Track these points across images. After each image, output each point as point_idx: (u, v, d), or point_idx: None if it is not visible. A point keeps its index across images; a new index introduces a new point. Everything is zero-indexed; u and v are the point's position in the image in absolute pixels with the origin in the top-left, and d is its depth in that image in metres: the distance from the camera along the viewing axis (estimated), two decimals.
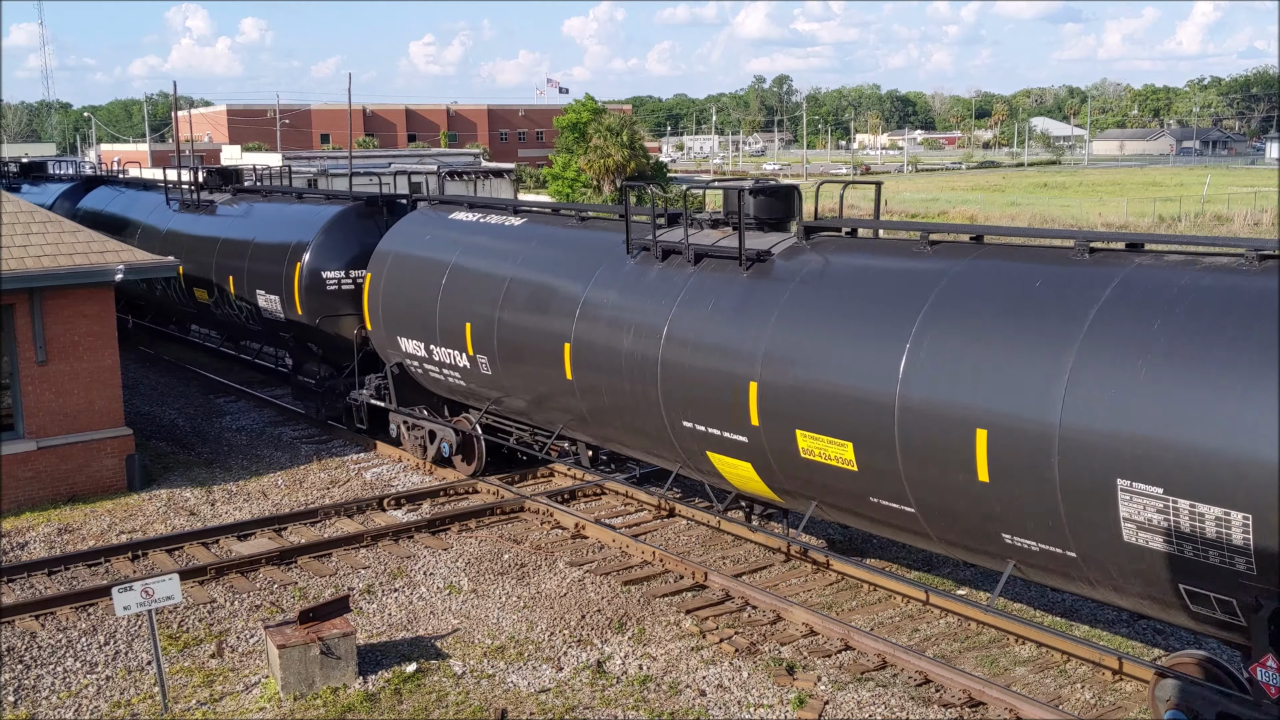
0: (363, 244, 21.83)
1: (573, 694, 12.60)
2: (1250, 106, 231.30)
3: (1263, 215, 68.64)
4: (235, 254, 24.79)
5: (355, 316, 21.76)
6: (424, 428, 20.55)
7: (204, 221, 27.16)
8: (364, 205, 22.85)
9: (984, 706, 12.15)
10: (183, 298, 27.74)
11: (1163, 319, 10.10)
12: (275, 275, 22.90)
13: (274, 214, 25.07)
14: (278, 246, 23.19)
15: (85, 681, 13.02)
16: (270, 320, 23.71)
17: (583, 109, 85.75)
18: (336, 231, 22.24)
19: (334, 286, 22.04)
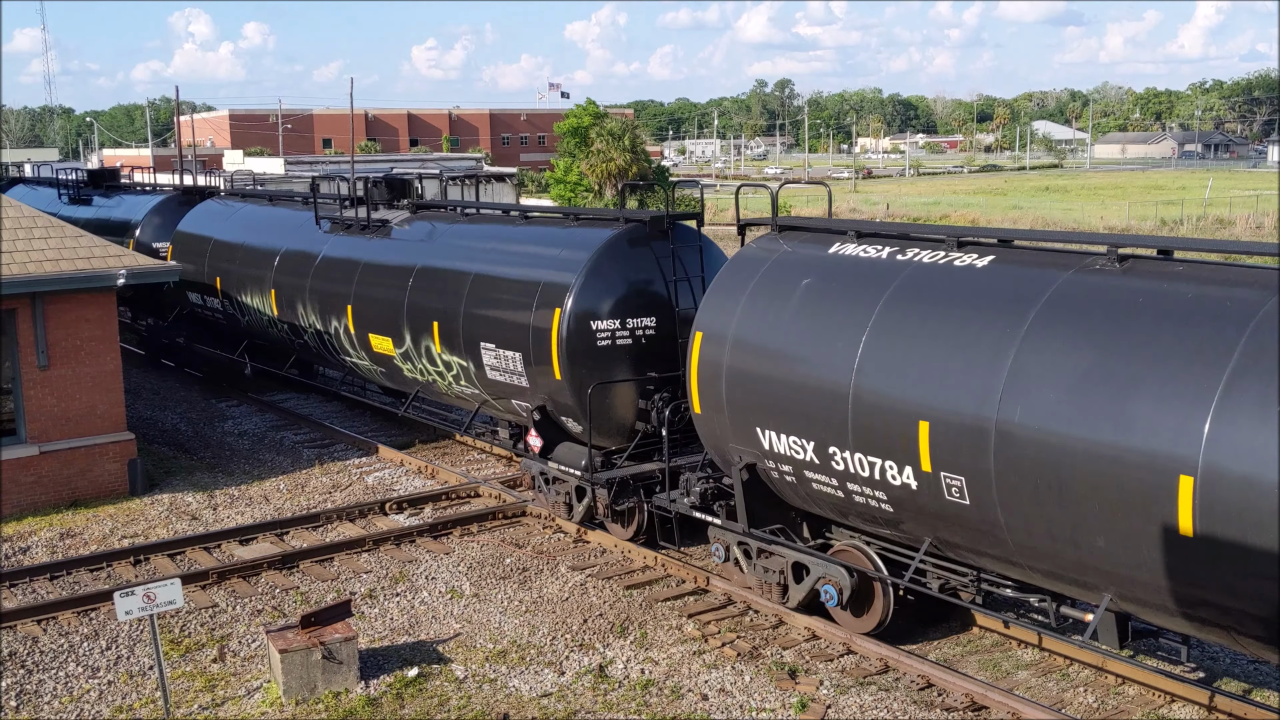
0: (630, 281, 16.66)
1: (575, 698, 12.59)
2: (1252, 109, 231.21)
3: (1265, 219, 68.59)
4: (439, 293, 19.11)
5: (633, 384, 16.62)
6: (785, 558, 14.24)
7: (378, 247, 21.45)
8: (639, 227, 16.98)
9: (986, 710, 12.14)
10: (343, 347, 22.29)
11: None
12: (513, 325, 17.33)
13: (494, 240, 19.31)
14: (517, 285, 17.50)
15: (87, 686, 13.02)
16: (501, 384, 18.05)
17: (584, 113, 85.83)
18: (607, 265, 16.58)
19: (606, 341, 16.45)
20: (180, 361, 30.13)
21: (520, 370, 17.36)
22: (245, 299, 25.30)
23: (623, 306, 16.51)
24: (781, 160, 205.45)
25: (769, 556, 14.26)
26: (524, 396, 17.68)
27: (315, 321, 22.58)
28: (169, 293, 28.19)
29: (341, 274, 21.77)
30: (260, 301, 24.65)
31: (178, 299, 28.39)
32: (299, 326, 23.38)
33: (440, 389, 19.88)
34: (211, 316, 27.52)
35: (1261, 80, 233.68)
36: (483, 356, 18.04)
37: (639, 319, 16.67)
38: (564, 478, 17.33)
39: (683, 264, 16.96)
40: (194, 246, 27.37)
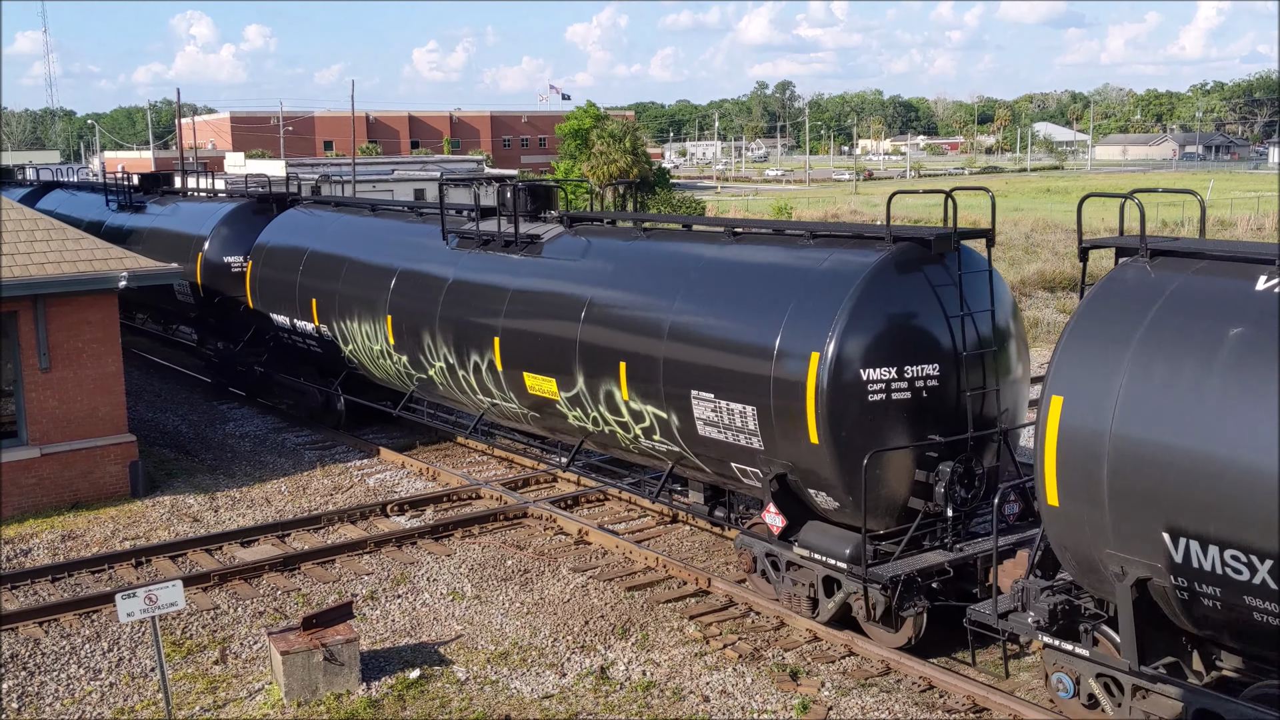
0: (907, 318, 13.38)
1: (576, 700, 12.59)
2: (1253, 111, 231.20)
3: (1265, 220, 68.60)
4: (629, 328, 15.89)
5: (910, 451, 13.32)
6: (1179, 701, 10.81)
7: (531, 269, 18.25)
8: (913, 248, 13.70)
9: (987, 713, 12.14)
10: (482, 386, 18.88)
11: None
12: (743, 373, 14.03)
13: (701, 264, 15.63)
14: (748, 322, 14.22)
15: (89, 688, 13.02)
16: (718, 443, 14.72)
17: (585, 115, 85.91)
18: (879, 297, 13.31)
19: (879, 396, 13.09)
20: (253, 391, 27.10)
21: (752, 429, 13.97)
22: (349, 325, 21.92)
23: (899, 351, 13.18)
24: (782, 162, 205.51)
25: (1148, 697, 10.95)
26: (753, 461, 14.29)
27: (447, 354, 19.33)
28: (245, 314, 25.61)
29: (483, 300, 18.58)
30: (370, 328, 21.30)
31: (256, 321, 25.30)
32: (422, 359, 20.11)
33: (620, 441, 16.59)
34: (302, 343, 24.01)
35: (1262, 82, 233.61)
36: (693, 408, 14.74)
37: (919, 366, 13.24)
38: (810, 566, 13.89)
39: (966, 295, 13.61)
40: (281, 263, 24.13)
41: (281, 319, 24.37)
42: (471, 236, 19.76)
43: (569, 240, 18.30)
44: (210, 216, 27.74)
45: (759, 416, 13.84)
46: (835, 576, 13.62)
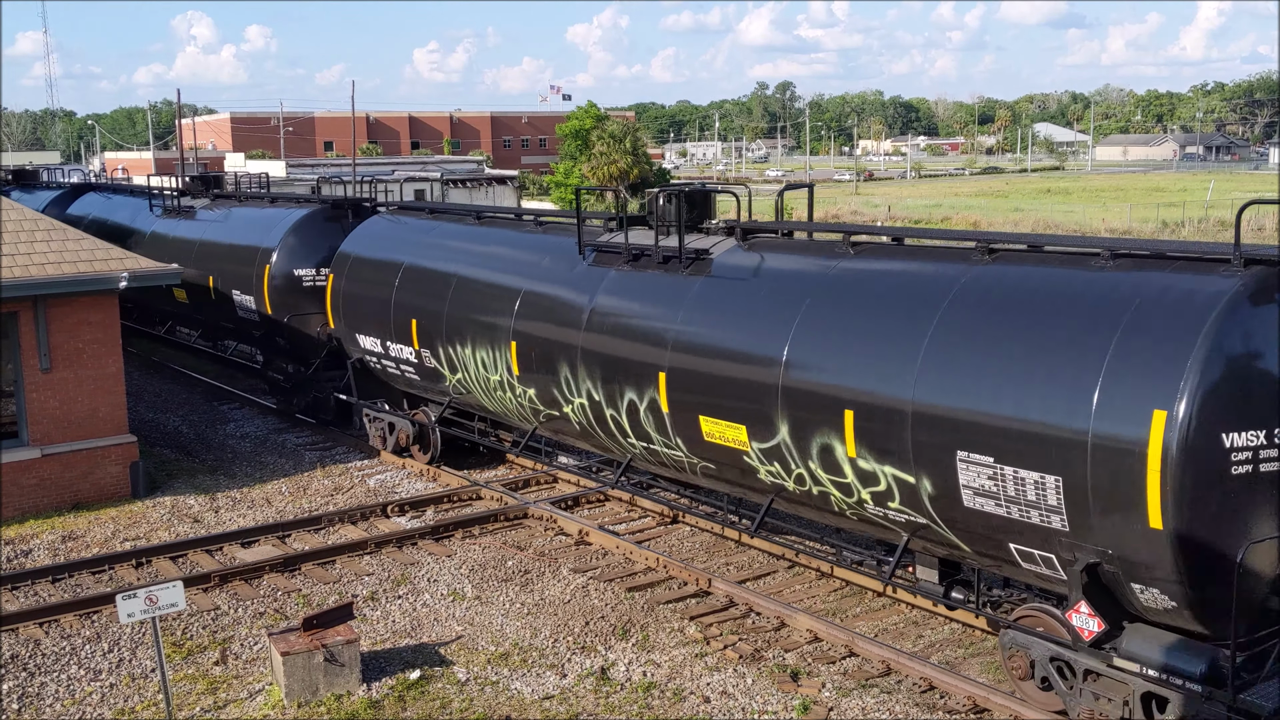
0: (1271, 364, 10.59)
1: (577, 701, 12.59)
2: (1254, 112, 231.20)
3: (1266, 220, 68.59)
4: (854, 368, 13.19)
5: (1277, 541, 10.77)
6: None
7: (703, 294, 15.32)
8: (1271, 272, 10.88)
9: (988, 713, 12.14)
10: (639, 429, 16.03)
11: None
12: (1038, 433, 11.17)
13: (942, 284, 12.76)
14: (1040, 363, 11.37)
15: (89, 689, 13.02)
16: (995, 519, 11.75)
17: (586, 115, 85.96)
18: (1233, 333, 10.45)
19: (1245, 467, 10.32)
20: (327, 420, 24.64)
21: (1054, 503, 11.04)
22: (459, 351, 19.15)
23: (1267, 405, 10.32)
24: (783, 163, 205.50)
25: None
26: (1049, 544, 11.36)
27: (592, 390, 16.49)
28: (321, 334, 23.46)
29: (641, 330, 15.81)
30: (488, 356, 18.50)
31: (335, 342, 23.01)
32: (556, 394, 17.31)
33: (833, 505, 13.67)
34: (395, 369, 21.34)
35: (1263, 82, 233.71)
36: (958, 474, 11.85)
37: None
38: (1130, 681, 11.14)
39: None
40: (370, 277, 21.36)
41: (370, 341, 21.53)
42: (616, 251, 16.80)
43: (744, 256, 15.38)
44: (276, 224, 24.65)
45: (1063, 489, 10.92)
46: (1164, 695, 10.88)
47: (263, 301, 24.24)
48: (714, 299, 15.07)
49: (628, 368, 15.81)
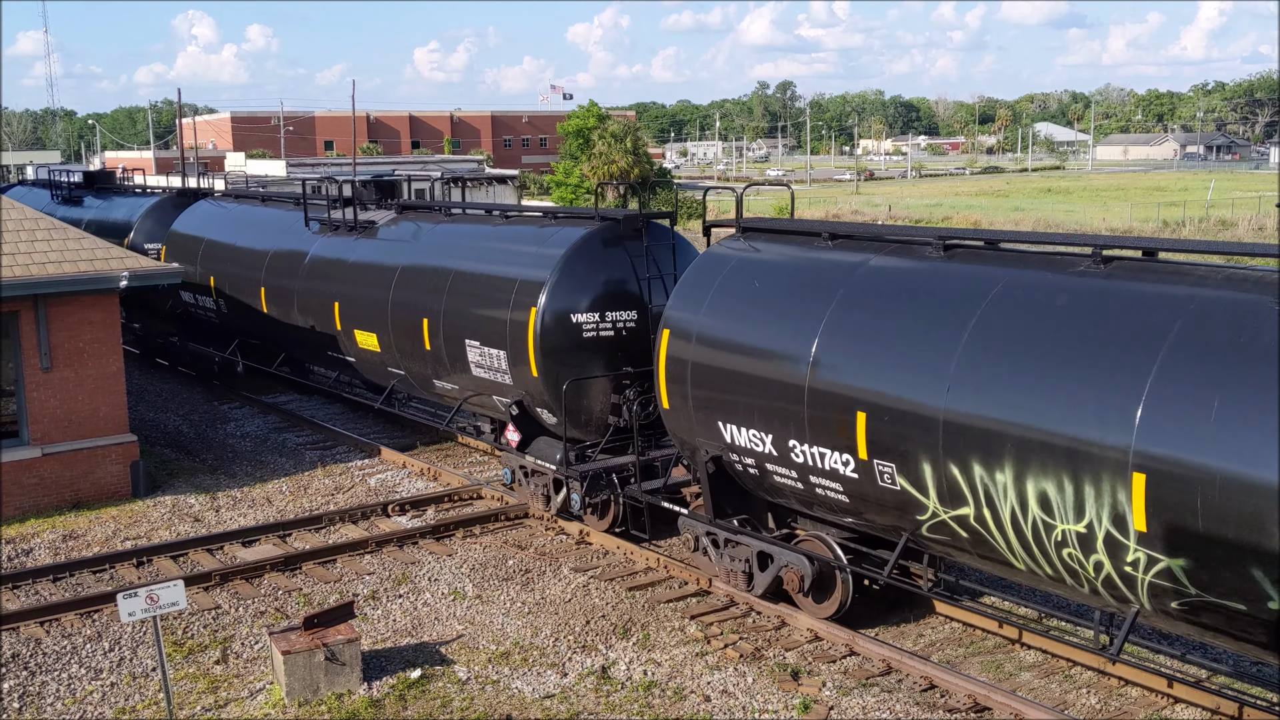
0: None
1: (577, 700, 12.59)
2: (1254, 111, 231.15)
3: (1267, 220, 68.61)
4: None
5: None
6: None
7: None
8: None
9: (989, 712, 12.14)
10: None
11: None
12: None
13: None
14: None
15: (90, 688, 13.03)
16: None
17: (587, 115, 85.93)
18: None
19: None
20: None
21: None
22: None
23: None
24: (783, 162, 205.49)
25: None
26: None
27: None
28: None
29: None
30: None
31: None
32: None
33: None
34: None
35: (1263, 82, 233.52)
36: None
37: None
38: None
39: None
40: None
41: None
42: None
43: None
44: (543, 256, 17.44)
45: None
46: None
47: (526, 345, 17.51)
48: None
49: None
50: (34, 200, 35.80)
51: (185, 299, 28.27)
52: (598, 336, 17.08)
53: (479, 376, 18.69)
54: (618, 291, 17.19)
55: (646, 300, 17.16)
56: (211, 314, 27.43)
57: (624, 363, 17.20)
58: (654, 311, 16.53)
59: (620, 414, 17.24)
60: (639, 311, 17.28)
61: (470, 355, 18.66)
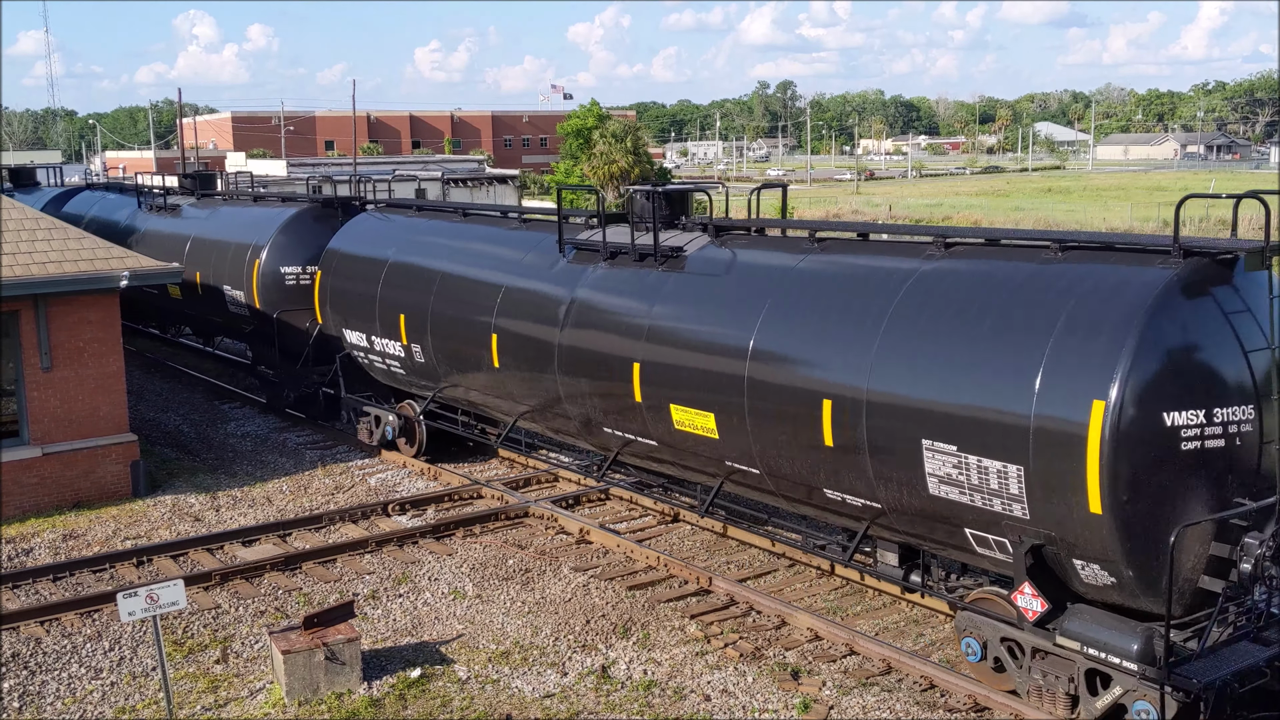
0: None
1: (577, 699, 12.59)
2: (1255, 111, 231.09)
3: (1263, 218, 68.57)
4: None
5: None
6: None
7: None
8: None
9: (989, 711, 12.13)
10: None
11: None
12: None
13: None
14: None
15: (90, 687, 13.03)
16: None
17: (587, 115, 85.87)
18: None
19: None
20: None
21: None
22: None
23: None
24: (784, 162, 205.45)
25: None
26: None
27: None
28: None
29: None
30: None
31: None
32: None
33: None
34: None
35: (1264, 81, 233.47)
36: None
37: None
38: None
39: None
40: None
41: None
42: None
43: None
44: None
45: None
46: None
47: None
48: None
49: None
50: (115, 209, 32.00)
51: (352, 340, 22.04)
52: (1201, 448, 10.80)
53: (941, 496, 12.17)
54: None
55: None
56: (397, 363, 21.05)
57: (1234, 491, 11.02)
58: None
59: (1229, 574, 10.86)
60: None
61: (928, 464, 12.14)
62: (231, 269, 24.95)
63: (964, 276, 12.58)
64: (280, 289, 23.91)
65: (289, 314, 23.87)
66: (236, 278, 24.71)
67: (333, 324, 22.60)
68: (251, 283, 24.07)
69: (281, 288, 23.89)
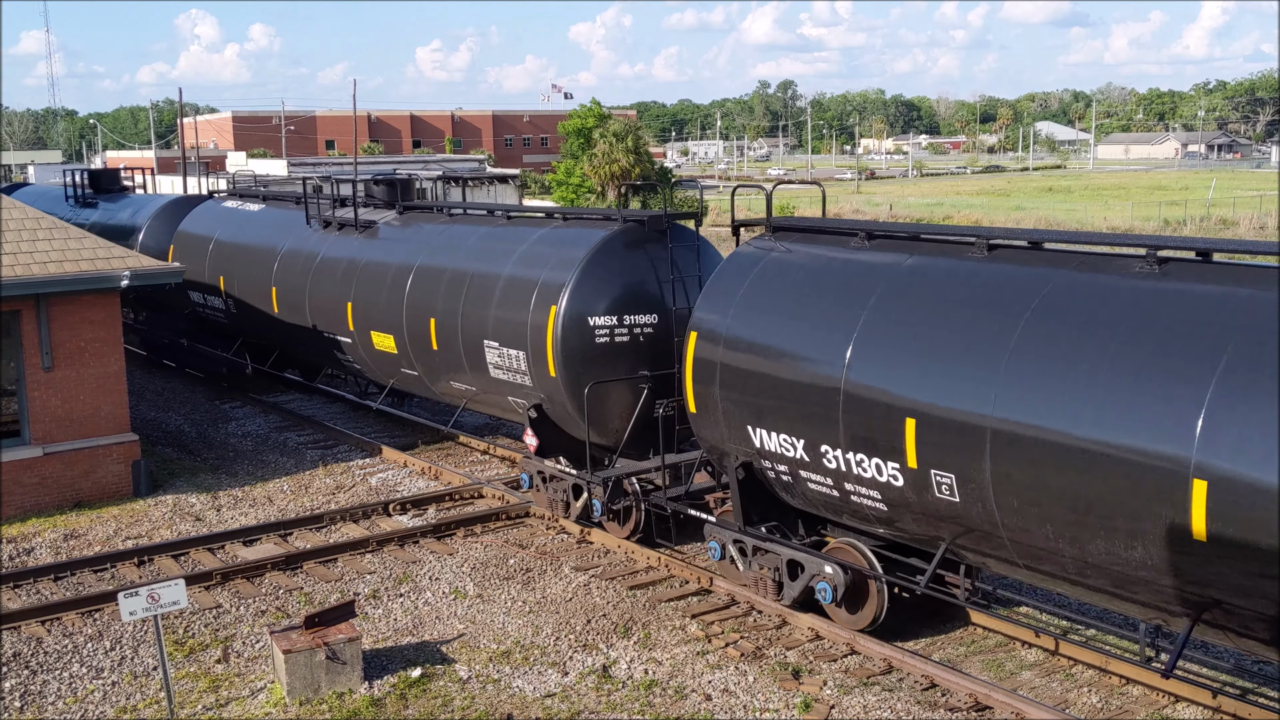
0: None
1: (578, 699, 12.59)
2: (1256, 110, 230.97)
3: (1268, 219, 68.53)
4: None
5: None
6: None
7: None
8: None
9: (990, 711, 12.13)
10: None
11: None
12: None
13: None
14: None
15: (91, 687, 13.03)
16: None
17: (588, 114, 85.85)
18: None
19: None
20: None
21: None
22: None
23: None
24: (784, 161, 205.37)
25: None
26: None
27: None
28: None
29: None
30: None
31: None
32: None
33: None
34: None
35: (1265, 81, 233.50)
36: None
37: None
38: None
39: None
40: None
41: None
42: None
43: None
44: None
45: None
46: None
47: None
48: None
49: None
50: (263, 227, 25.93)
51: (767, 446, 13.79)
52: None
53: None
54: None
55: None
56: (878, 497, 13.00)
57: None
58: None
59: None
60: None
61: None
62: (500, 318, 17.68)
63: None
64: (589, 348, 16.49)
65: (603, 387, 16.36)
66: (510, 331, 17.45)
67: (722, 415, 14.32)
68: (543, 339, 16.69)
69: (590, 347, 16.49)
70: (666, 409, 16.12)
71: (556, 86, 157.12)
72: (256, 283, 25.02)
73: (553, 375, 16.63)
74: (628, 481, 16.83)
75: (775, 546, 14.21)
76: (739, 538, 14.55)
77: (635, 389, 16.55)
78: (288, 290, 23.87)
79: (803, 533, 14.57)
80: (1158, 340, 10.21)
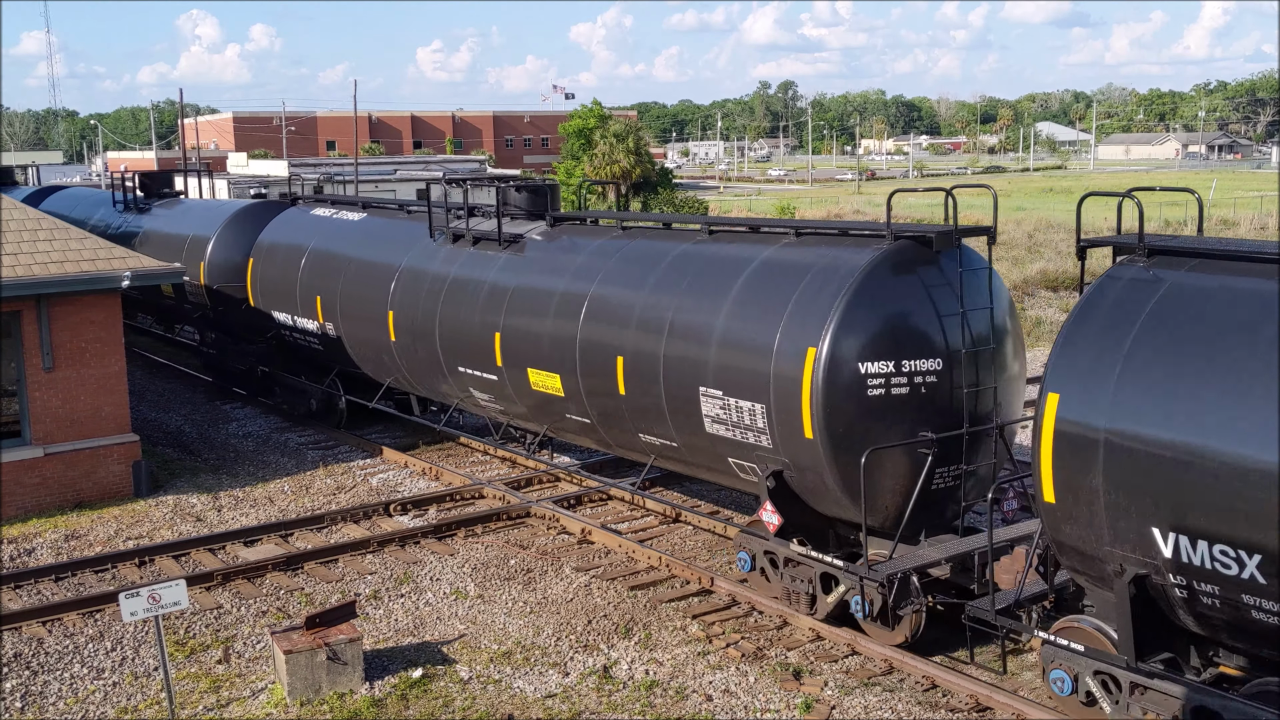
0: None
1: (579, 699, 12.59)
2: (1256, 111, 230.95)
3: (1269, 220, 68.52)
4: None
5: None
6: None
7: None
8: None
9: (991, 712, 12.13)
10: None
11: None
12: None
13: None
14: None
15: (92, 687, 13.03)
16: None
17: (589, 115, 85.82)
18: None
19: None
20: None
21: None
22: None
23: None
24: (785, 162, 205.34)
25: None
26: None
27: None
28: None
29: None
30: None
31: None
32: None
33: None
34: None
35: (1266, 81, 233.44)
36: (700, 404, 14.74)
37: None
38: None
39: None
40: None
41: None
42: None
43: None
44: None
45: None
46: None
47: None
48: None
49: None
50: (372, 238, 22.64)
51: None
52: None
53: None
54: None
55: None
56: None
57: None
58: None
59: None
60: None
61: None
62: (724, 363, 14.45)
63: None
64: (861, 403, 13.26)
65: (882, 454, 13.18)
66: (741, 378, 14.21)
67: (1104, 511, 10.69)
68: (795, 390, 13.48)
69: (862, 401, 13.25)
70: (947, 480, 13.32)
71: (557, 87, 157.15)
72: (367, 305, 21.21)
73: (809, 437, 13.16)
74: (914, 578, 13.14)
75: (1174, 686, 10.58)
76: (1115, 672, 10.94)
77: (916, 455, 13.09)
78: (409, 316, 20.15)
79: (1197, 663, 11.19)
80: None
